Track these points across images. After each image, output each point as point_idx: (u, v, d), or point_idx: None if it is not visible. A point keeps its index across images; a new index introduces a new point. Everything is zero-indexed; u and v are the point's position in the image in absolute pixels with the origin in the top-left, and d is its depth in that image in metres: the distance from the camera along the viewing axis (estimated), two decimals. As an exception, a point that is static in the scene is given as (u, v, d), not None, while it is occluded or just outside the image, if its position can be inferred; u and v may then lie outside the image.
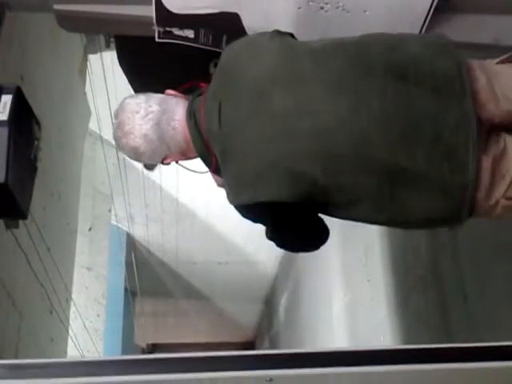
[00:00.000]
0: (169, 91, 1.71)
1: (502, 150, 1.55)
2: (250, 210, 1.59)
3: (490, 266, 3.14)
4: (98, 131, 6.60)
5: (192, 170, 1.73)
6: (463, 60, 1.57)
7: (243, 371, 1.20)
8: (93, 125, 6.20)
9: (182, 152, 1.67)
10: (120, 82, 5.67)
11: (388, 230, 4.85)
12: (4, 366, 1.23)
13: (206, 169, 1.71)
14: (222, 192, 1.65)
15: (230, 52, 1.70)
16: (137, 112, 1.63)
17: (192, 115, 1.62)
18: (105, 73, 5.75)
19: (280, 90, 1.54)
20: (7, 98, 1.74)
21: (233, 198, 1.60)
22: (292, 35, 1.74)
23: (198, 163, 1.73)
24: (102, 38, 5.08)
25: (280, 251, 9.94)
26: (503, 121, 1.58)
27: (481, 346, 1.42)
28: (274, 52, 1.61)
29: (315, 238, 1.69)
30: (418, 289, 4.27)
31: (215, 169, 1.66)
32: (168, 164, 1.71)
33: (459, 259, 3.51)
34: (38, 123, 1.93)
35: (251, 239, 9.64)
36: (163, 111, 1.63)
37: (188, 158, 1.71)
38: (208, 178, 1.78)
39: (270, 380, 1.22)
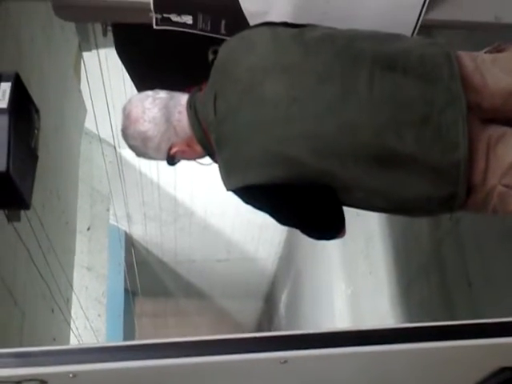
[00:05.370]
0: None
1: (500, 135, 1.56)
2: (244, 194, 1.63)
3: (494, 252, 3.12)
4: (93, 130, 6.58)
5: (199, 163, 1.78)
6: (452, 50, 1.62)
7: (257, 353, 1.18)
8: (88, 123, 6.17)
9: (187, 142, 1.71)
10: (115, 80, 5.68)
11: (389, 219, 4.84)
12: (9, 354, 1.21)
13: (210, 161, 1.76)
14: (221, 189, 1.68)
15: (226, 47, 1.77)
16: (145, 99, 1.71)
17: (192, 106, 1.69)
18: (102, 71, 5.72)
19: (271, 79, 1.61)
20: (6, 86, 1.73)
21: (225, 183, 1.65)
22: (286, 23, 1.78)
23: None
24: (95, 36, 5.06)
25: (279, 247, 9.96)
26: (494, 107, 1.60)
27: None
28: (267, 44, 1.68)
29: (324, 223, 1.69)
30: (420, 278, 4.25)
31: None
32: (175, 158, 1.73)
33: (462, 246, 3.50)
34: (37, 111, 1.92)
35: (250, 236, 9.63)
36: (171, 97, 1.72)
37: (194, 151, 1.74)
38: (206, 175, 1.81)
39: (285, 362, 1.21)
